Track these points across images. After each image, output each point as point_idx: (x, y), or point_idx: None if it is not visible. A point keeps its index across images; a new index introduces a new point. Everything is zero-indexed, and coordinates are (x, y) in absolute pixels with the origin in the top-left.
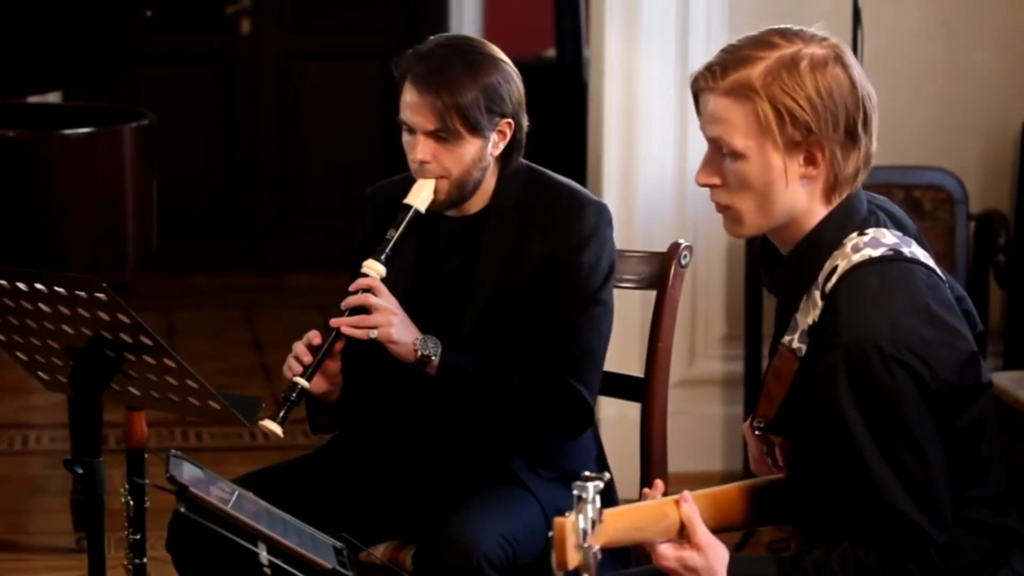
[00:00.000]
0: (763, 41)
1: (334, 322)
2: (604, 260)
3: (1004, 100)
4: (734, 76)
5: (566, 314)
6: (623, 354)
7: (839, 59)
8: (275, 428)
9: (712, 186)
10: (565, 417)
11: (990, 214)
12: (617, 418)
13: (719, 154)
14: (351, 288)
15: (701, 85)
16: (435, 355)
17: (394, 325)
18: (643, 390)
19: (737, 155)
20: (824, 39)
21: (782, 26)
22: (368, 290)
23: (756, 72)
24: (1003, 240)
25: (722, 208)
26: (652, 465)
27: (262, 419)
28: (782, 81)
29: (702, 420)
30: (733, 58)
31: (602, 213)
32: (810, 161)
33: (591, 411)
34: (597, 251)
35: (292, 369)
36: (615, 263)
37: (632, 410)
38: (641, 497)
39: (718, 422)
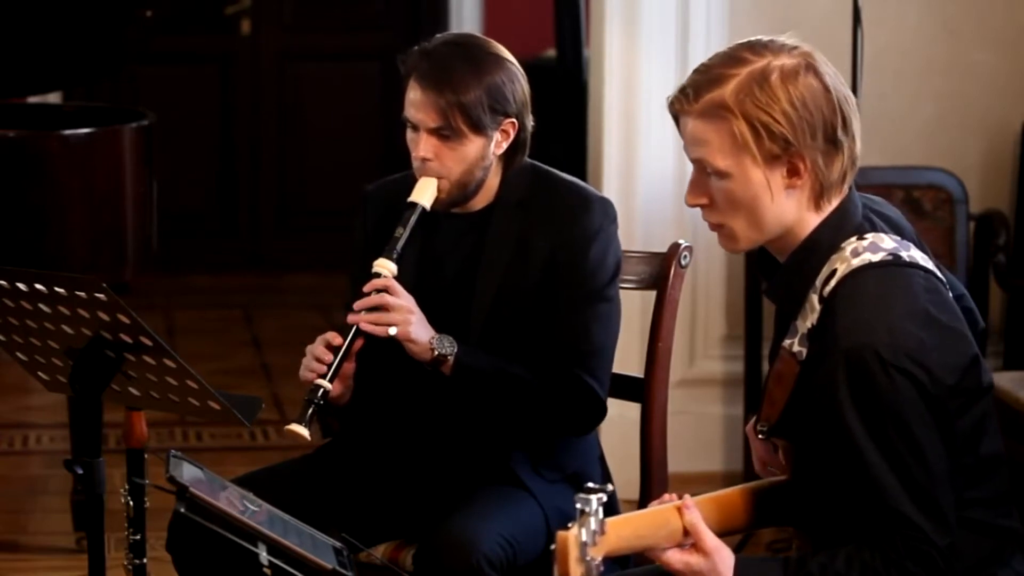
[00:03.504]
0: (733, 57)
1: (352, 318)
2: (610, 257)
3: (1004, 100)
4: (707, 97)
5: (574, 311)
6: (623, 354)
7: (810, 67)
8: (303, 431)
9: (701, 206)
10: (578, 413)
11: (990, 214)
12: (617, 418)
13: (704, 175)
14: (366, 288)
15: (677, 108)
16: (451, 354)
17: (412, 324)
18: (643, 390)
19: (720, 174)
20: (794, 48)
21: (752, 39)
22: (383, 290)
23: (728, 90)
24: (1003, 240)
25: (715, 227)
26: (652, 465)
27: (287, 424)
28: (755, 97)
29: (702, 420)
30: (705, 78)
31: (607, 210)
32: (793, 172)
33: (604, 406)
34: (603, 248)
35: (313, 370)
36: (620, 260)
37: (632, 410)
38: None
39: (718, 422)
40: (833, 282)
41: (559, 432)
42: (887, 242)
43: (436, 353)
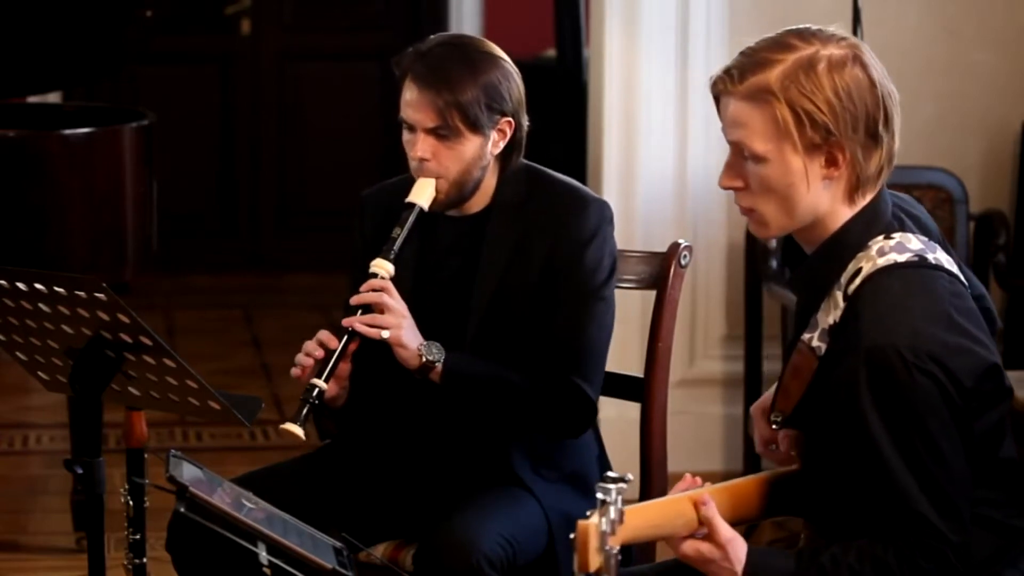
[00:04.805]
0: (780, 43)
1: (346, 321)
2: (606, 258)
3: (1004, 100)
4: (752, 79)
5: (569, 311)
6: (623, 354)
7: (858, 59)
8: (297, 430)
9: (735, 189)
10: (568, 416)
11: (990, 214)
12: (617, 418)
13: (741, 157)
14: (363, 288)
15: (720, 88)
16: (439, 361)
17: (404, 328)
18: (643, 390)
19: (758, 159)
20: (843, 39)
21: (800, 27)
22: (380, 291)
23: (774, 75)
24: (1003, 240)
25: (746, 211)
26: (652, 465)
27: (282, 422)
28: (800, 84)
29: (702, 420)
30: (751, 61)
31: (604, 211)
32: (831, 163)
33: (594, 408)
34: (600, 249)
35: (301, 364)
36: (616, 261)
37: (632, 410)
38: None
39: (718, 422)
40: (858, 280)
41: (550, 435)
42: (914, 243)
43: (424, 360)
